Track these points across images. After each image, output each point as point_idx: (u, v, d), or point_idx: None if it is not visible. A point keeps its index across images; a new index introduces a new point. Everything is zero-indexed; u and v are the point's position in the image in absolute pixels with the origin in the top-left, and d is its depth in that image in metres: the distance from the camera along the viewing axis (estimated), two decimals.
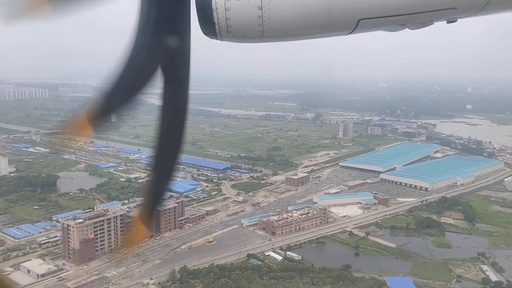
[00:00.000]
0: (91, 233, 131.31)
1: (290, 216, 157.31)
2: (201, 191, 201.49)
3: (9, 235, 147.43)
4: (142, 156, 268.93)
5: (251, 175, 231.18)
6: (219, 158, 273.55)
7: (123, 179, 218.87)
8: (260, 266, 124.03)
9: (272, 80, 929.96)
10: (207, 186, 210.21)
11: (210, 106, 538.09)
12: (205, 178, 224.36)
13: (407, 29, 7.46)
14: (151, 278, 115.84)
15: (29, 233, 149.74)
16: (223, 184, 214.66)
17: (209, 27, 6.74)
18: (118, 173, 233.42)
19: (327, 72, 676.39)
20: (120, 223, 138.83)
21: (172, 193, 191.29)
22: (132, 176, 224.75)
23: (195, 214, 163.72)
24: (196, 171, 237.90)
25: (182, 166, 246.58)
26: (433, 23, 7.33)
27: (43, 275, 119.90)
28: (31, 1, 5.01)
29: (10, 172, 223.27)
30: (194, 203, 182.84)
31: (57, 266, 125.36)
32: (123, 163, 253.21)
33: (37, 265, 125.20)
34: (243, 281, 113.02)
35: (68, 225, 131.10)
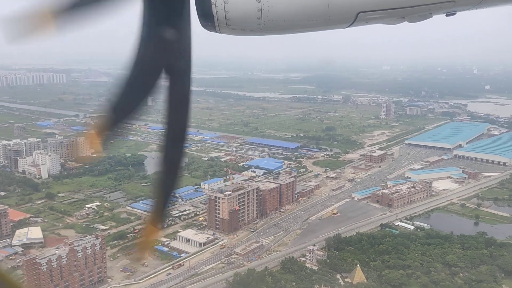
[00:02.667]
0: (236, 205, 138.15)
1: (399, 189, 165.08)
2: (288, 168, 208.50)
3: (140, 210, 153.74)
4: (206, 137, 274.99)
5: (325, 153, 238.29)
6: (279, 138, 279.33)
7: (205, 158, 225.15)
8: (407, 234, 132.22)
9: (274, 63, 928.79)
10: (290, 164, 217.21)
11: (233, 89, 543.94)
12: (283, 156, 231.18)
13: (405, 22, 7.50)
14: (314, 245, 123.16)
15: None
16: (303, 162, 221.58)
17: (208, 20, 6.77)
18: (193, 153, 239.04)
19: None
20: (256, 196, 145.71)
21: (254, 171, 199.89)
22: (211, 155, 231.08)
23: (306, 189, 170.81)
24: (268, 150, 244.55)
25: (252, 146, 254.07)
26: (432, 16, 7.38)
27: (204, 244, 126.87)
28: (35, 19, 5.06)
29: (91, 153, 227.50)
30: None
31: (212, 235, 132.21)
32: (192, 144, 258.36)
33: (192, 234, 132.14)
34: (400, 247, 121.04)
35: (216, 197, 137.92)
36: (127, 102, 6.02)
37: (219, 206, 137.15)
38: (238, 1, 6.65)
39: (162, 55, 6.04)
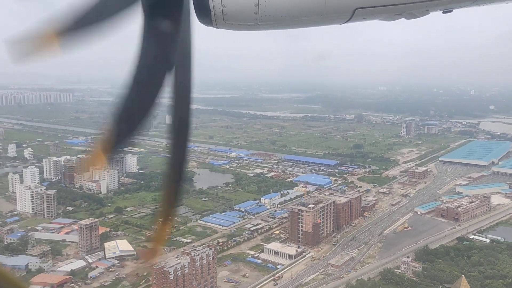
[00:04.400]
0: (318, 218, 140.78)
1: (461, 204, 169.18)
2: (337, 184, 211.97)
3: (214, 224, 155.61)
4: (241, 155, 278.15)
5: (365, 170, 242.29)
6: (312, 156, 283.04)
7: (251, 174, 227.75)
8: (491, 246, 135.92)
9: (272, 83, 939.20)
10: (336, 180, 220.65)
11: (241, 108, 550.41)
12: (326, 173, 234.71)
13: (403, 18, 7.48)
14: (407, 257, 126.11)
15: (227, 221, 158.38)
16: (347, 178, 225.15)
17: (205, 15, 6.74)
18: (236, 169, 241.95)
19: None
20: (333, 210, 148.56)
21: (306, 185, 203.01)
22: (256, 171, 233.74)
23: (368, 204, 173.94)
24: (307, 166, 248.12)
25: (291, 162, 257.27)
26: (429, 13, 7.35)
27: (295, 256, 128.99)
28: (40, 39, 5.11)
29: (138, 169, 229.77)
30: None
31: (298, 248, 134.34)
32: (231, 161, 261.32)
33: (279, 247, 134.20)
34: (490, 258, 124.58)
35: (299, 210, 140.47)
36: (132, 113, 5.87)
37: (302, 219, 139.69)
38: None
39: (165, 59, 5.99)
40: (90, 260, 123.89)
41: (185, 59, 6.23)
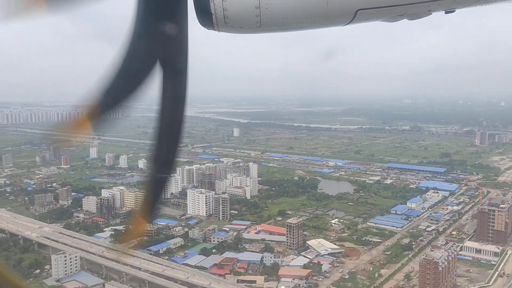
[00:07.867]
0: (507, 218, 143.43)
1: None
2: (464, 190, 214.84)
3: (385, 226, 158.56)
4: (339, 164, 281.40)
5: (477, 177, 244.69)
6: (406, 163, 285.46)
7: (370, 182, 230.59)
8: None
9: (291, 99, 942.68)
10: (460, 186, 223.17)
11: (288, 121, 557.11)
12: (442, 179, 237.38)
13: (405, 19, 7.48)
14: None
15: (395, 222, 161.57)
16: (468, 184, 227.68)
17: (206, 18, 6.74)
18: (349, 177, 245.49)
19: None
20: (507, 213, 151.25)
21: (437, 192, 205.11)
22: (373, 179, 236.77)
23: None
24: (416, 174, 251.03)
25: (397, 170, 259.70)
26: (431, 13, 7.34)
27: (500, 254, 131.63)
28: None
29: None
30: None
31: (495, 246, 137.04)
32: (335, 170, 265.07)
33: (477, 245, 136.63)
34: None
35: (489, 210, 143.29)
36: (118, 90, 6.01)
37: (492, 218, 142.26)
38: None
39: (156, 47, 6.09)
40: (309, 257, 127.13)
41: (180, 60, 6.28)
